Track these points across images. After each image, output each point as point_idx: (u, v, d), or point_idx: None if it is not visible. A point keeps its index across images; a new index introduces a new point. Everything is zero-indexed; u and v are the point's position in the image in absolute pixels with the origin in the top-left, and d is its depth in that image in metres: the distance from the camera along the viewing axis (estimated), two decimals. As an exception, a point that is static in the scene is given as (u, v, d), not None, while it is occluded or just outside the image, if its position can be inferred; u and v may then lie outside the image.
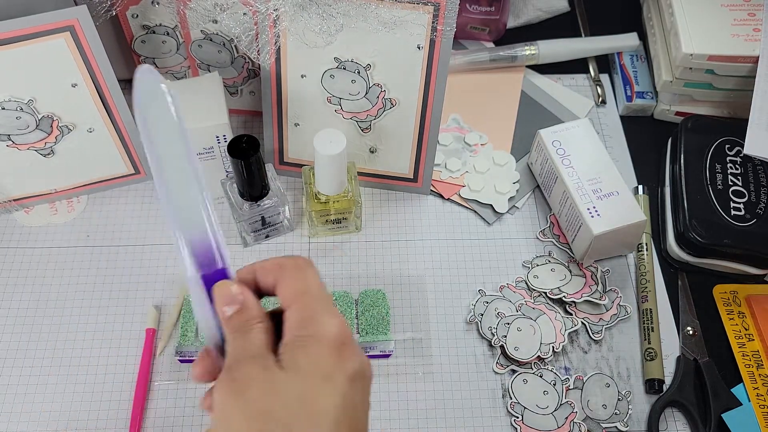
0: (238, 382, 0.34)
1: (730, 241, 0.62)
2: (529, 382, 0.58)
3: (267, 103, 0.64)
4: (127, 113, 0.62)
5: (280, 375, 0.33)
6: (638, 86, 0.75)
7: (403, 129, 0.64)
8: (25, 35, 0.53)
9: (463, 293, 0.64)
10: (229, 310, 0.36)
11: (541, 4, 0.83)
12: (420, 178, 0.68)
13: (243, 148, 0.55)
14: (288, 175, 0.70)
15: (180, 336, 0.59)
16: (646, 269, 0.64)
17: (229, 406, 0.34)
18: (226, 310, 0.36)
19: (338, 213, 0.63)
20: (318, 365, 0.33)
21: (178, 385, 0.58)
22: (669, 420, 0.58)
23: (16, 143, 0.61)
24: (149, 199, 0.68)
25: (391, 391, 0.58)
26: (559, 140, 0.65)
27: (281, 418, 0.32)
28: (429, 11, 0.56)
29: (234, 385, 0.34)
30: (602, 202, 0.61)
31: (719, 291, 0.64)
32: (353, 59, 0.60)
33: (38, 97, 0.58)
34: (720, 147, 0.67)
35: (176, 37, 0.66)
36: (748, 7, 0.70)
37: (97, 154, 0.64)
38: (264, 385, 0.33)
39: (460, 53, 0.77)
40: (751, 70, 0.67)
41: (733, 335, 0.61)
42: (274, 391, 0.33)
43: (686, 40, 0.68)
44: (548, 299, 0.63)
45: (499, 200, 0.68)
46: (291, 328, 0.35)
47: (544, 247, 0.66)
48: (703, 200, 0.64)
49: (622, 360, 0.60)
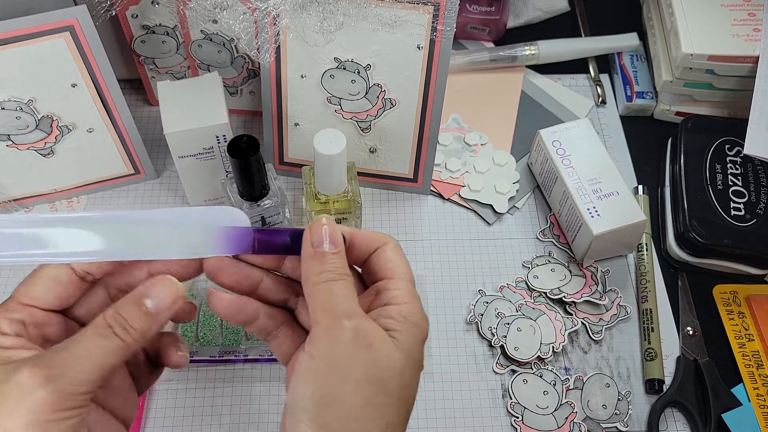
0: (362, 335, 0.33)
1: (730, 241, 0.62)
2: (529, 382, 0.58)
3: (267, 103, 0.64)
4: (127, 113, 0.62)
5: (396, 352, 0.34)
6: (638, 86, 0.75)
7: (403, 129, 0.64)
8: (25, 35, 0.53)
9: (463, 293, 0.64)
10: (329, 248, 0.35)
11: (541, 4, 0.83)
12: (420, 178, 0.68)
13: (243, 148, 0.55)
14: (288, 175, 0.70)
15: (180, 336, 0.59)
16: (646, 269, 0.64)
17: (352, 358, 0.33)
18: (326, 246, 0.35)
19: (338, 213, 0.63)
20: (418, 357, 0.35)
21: (178, 385, 0.58)
22: (669, 420, 0.58)
23: (16, 143, 0.61)
24: (149, 199, 0.68)
25: (391, 391, 0.58)
26: (559, 140, 0.65)
27: (390, 393, 0.33)
28: (429, 11, 0.56)
29: (357, 337, 0.33)
30: (602, 202, 0.61)
31: (719, 291, 0.64)
32: (353, 59, 0.60)
33: (38, 97, 0.58)
34: (720, 147, 0.67)
35: (176, 37, 0.66)
36: (748, 7, 0.70)
37: (97, 154, 0.64)
38: (385, 352, 0.33)
39: (460, 53, 0.77)
40: (751, 70, 0.67)
41: (733, 335, 0.61)
42: (391, 364, 0.34)
43: (686, 40, 0.68)
44: (548, 299, 0.63)
45: (499, 200, 0.68)
46: (399, 308, 0.35)
47: (544, 247, 0.66)
48: (703, 200, 0.64)
49: (622, 360, 0.60)
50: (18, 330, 0.34)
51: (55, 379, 0.31)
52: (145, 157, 0.67)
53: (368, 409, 0.33)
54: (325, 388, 0.32)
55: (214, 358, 0.58)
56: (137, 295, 0.33)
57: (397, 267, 0.37)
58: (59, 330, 0.36)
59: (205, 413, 0.57)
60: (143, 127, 0.72)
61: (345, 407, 0.32)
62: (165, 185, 0.69)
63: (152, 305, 0.33)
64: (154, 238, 0.35)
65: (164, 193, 0.69)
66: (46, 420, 0.30)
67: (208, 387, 0.58)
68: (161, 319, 0.33)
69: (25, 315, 0.34)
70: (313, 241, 0.35)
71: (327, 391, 0.32)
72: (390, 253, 0.37)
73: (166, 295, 0.33)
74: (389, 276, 0.37)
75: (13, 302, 0.35)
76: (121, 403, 0.37)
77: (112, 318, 0.33)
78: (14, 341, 0.34)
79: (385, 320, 0.35)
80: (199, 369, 0.59)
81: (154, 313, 0.33)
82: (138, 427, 0.56)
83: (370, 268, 0.38)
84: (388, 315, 0.35)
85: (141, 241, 0.35)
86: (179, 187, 0.68)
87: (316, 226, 0.35)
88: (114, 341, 0.32)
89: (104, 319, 0.33)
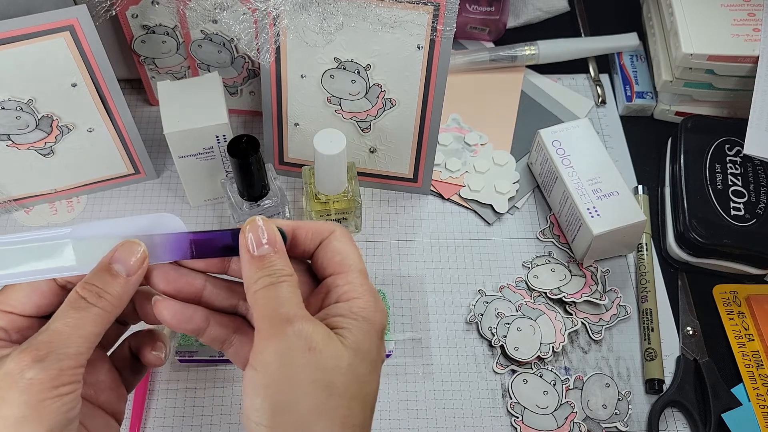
0: (303, 339, 0.32)
1: (730, 241, 0.62)
2: (529, 382, 0.58)
3: (267, 103, 0.64)
4: (127, 113, 0.62)
5: (343, 350, 0.33)
6: (638, 86, 0.75)
7: (403, 129, 0.64)
8: (25, 35, 0.53)
9: (463, 293, 0.64)
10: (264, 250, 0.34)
11: (541, 4, 0.83)
12: (420, 178, 0.68)
13: (243, 148, 0.55)
14: (288, 175, 0.70)
15: (180, 336, 0.59)
16: (646, 269, 0.64)
17: (296, 364, 0.32)
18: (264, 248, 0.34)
19: (338, 213, 0.63)
20: (371, 352, 0.34)
21: (178, 385, 0.58)
22: (669, 420, 0.58)
23: (16, 143, 0.61)
24: (149, 199, 0.68)
25: (391, 391, 0.58)
26: (559, 140, 0.65)
27: (342, 393, 0.32)
28: (429, 11, 0.56)
29: (299, 342, 0.32)
30: (602, 202, 0.61)
31: (719, 291, 0.64)
32: (353, 59, 0.60)
33: (38, 97, 0.58)
34: (720, 147, 0.67)
35: (176, 37, 0.66)
36: (748, 7, 0.70)
37: (97, 154, 0.64)
38: (330, 352, 0.32)
39: (460, 53, 0.77)
40: (751, 70, 0.67)
41: (733, 335, 0.61)
42: (338, 363, 0.33)
43: (686, 40, 0.68)
44: (548, 299, 0.63)
45: (499, 200, 0.68)
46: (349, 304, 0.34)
47: (544, 247, 0.66)
48: (703, 200, 0.64)
49: (622, 360, 0.60)
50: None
51: (42, 359, 0.31)
52: (145, 157, 0.67)
53: (322, 412, 0.32)
54: (274, 396, 0.32)
55: (214, 358, 0.58)
56: (105, 263, 0.34)
57: (346, 258, 0.36)
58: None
59: (205, 413, 0.57)
60: (143, 127, 0.72)
61: (299, 413, 0.32)
62: (165, 185, 0.69)
63: (122, 269, 0.34)
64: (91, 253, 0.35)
65: (164, 193, 0.69)
66: (41, 400, 0.31)
67: (208, 387, 0.58)
68: (134, 280, 0.34)
69: (6, 322, 0.35)
70: (249, 245, 0.34)
71: (277, 399, 0.32)
72: (336, 244, 0.36)
73: (132, 257, 0.34)
74: (338, 270, 0.36)
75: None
76: (110, 398, 0.38)
77: (85, 289, 0.33)
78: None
79: (333, 319, 0.34)
80: (199, 369, 0.59)
81: (125, 276, 0.34)
82: (138, 427, 0.56)
83: (318, 262, 0.37)
84: (336, 313, 0.34)
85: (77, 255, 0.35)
86: (179, 187, 0.68)
87: (252, 227, 0.34)
88: (92, 311, 0.33)
89: (77, 293, 0.33)
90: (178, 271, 0.37)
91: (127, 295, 0.34)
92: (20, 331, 0.35)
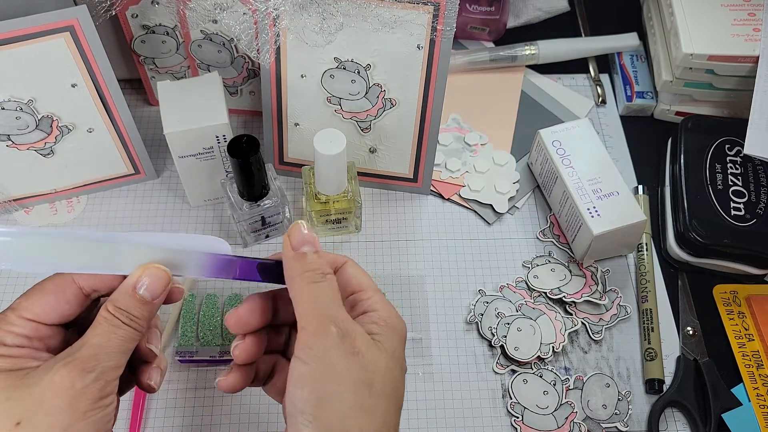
0: (349, 341, 0.35)
1: (730, 241, 0.62)
2: (529, 382, 0.58)
3: (267, 103, 0.64)
4: (127, 113, 0.62)
5: (381, 354, 0.36)
6: (638, 86, 0.75)
7: (403, 129, 0.64)
8: (25, 35, 0.53)
9: (463, 293, 0.64)
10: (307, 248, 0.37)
11: (541, 4, 0.83)
12: (420, 178, 0.68)
13: (243, 148, 0.55)
14: (288, 175, 0.70)
15: (180, 336, 0.59)
16: (646, 269, 0.64)
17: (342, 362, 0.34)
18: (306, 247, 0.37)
19: (338, 213, 0.63)
20: (401, 359, 0.37)
21: (178, 385, 0.58)
22: (669, 420, 0.58)
23: (16, 143, 0.61)
24: (149, 199, 0.68)
25: (391, 391, 0.58)
26: (559, 140, 0.65)
27: (380, 393, 0.35)
28: (429, 11, 0.56)
29: (345, 343, 0.35)
30: (602, 202, 0.61)
31: (719, 291, 0.64)
32: (353, 59, 0.60)
33: (38, 97, 0.58)
34: (720, 147, 0.67)
35: (176, 37, 0.66)
36: (748, 7, 0.70)
37: (97, 154, 0.64)
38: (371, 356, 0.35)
39: (460, 53, 0.77)
40: (751, 70, 0.67)
41: (733, 335, 0.61)
42: (378, 366, 0.35)
43: (686, 40, 0.68)
44: (548, 299, 0.63)
45: (499, 200, 0.68)
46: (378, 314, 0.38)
47: (544, 247, 0.66)
48: (703, 200, 0.64)
49: (622, 360, 0.60)
50: (21, 342, 0.36)
51: (91, 371, 0.34)
52: (145, 157, 0.67)
53: (364, 408, 0.34)
54: (320, 389, 0.34)
55: (214, 358, 0.58)
56: (129, 287, 0.37)
57: (363, 280, 0.40)
58: (60, 341, 0.38)
59: (205, 413, 0.57)
60: (143, 127, 0.72)
61: (342, 407, 0.34)
62: (165, 185, 0.69)
63: (147, 294, 0.37)
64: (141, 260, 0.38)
65: (164, 193, 0.69)
66: (87, 410, 0.33)
67: (208, 387, 0.58)
68: (158, 303, 0.37)
69: (29, 330, 0.36)
70: (293, 243, 0.37)
71: (323, 392, 0.34)
72: (352, 270, 0.40)
73: (156, 281, 0.37)
74: (358, 289, 0.39)
75: (15, 315, 0.36)
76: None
77: (116, 310, 0.36)
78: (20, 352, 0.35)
79: (368, 326, 0.37)
80: (199, 369, 0.59)
81: (150, 300, 0.37)
82: (138, 427, 0.56)
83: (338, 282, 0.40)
84: (370, 321, 0.37)
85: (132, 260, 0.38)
86: (179, 187, 0.68)
87: (295, 230, 0.38)
88: (126, 330, 0.36)
89: (109, 312, 0.36)
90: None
91: (153, 316, 0.38)
92: (42, 339, 0.37)
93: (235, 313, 0.39)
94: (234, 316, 0.39)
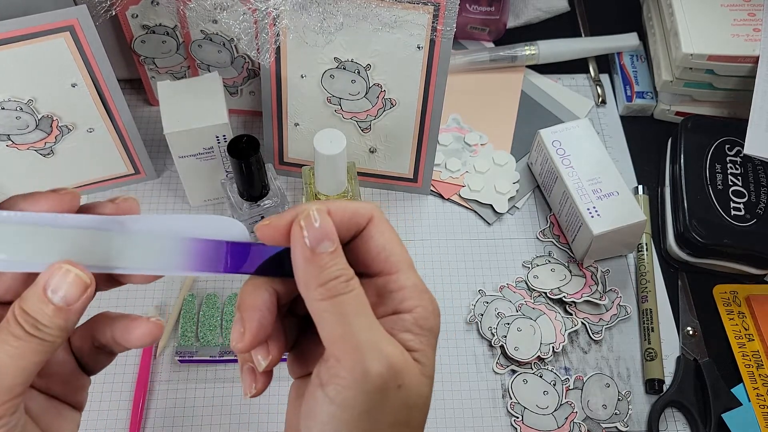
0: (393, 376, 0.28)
1: (730, 241, 0.62)
2: (529, 382, 0.58)
3: (267, 103, 0.64)
4: (127, 113, 0.62)
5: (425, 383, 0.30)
6: (638, 86, 0.75)
7: (403, 129, 0.64)
8: (25, 35, 0.53)
9: (463, 293, 0.64)
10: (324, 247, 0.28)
11: (541, 4, 0.83)
12: (420, 178, 0.68)
13: (243, 148, 0.55)
14: (288, 175, 0.70)
15: (180, 336, 0.59)
16: (646, 269, 0.64)
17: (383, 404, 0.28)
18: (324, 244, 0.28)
19: (338, 213, 0.62)
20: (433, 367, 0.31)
21: (178, 385, 0.58)
22: (669, 420, 0.58)
23: (16, 143, 0.61)
24: (149, 199, 0.68)
25: (391, 391, 0.58)
26: (559, 140, 0.65)
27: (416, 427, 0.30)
28: (429, 11, 0.56)
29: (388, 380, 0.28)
30: (602, 202, 0.61)
31: (719, 291, 0.64)
32: (353, 59, 0.60)
33: (38, 97, 0.58)
34: (720, 147, 0.67)
35: (176, 37, 0.66)
36: (748, 7, 0.70)
37: (97, 154, 0.64)
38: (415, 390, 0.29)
39: (460, 53, 0.77)
40: (751, 70, 0.67)
41: (733, 335, 0.61)
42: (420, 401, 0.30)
43: (686, 40, 0.68)
44: (548, 299, 0.63)
45: (499, 200, 0.68)
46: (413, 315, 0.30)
47: (544, 247, 0.66)
48: (703, 200, 0.64)
49: (622, 360, 0.60)
50: None
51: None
52: (145, 157, 0.67)
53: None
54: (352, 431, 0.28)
55: (214, 358, 0.58)
56: (39, 291, 0.28)
57: (391, 255, 0.31)
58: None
59: (205, 413, 0.57)
60: (143, 127, 0.72)
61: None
62: (165, 185, 0.69)
63: (60, 300, 0.28)
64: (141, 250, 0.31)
65: (164, 193, 0.69)
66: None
67: (208, 387, 0.58)
68: (77, 309, 0.29)
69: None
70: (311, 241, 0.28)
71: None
72: (379, 239, 0.31)
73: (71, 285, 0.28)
74: (385, 270, 0.31)
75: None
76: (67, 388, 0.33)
77: (22, 317, 0.28)
78: None
79: (402, 335, 0.30)
80: (199, 369, 0.59)
81: (65, 307, 0.28)
82: (138, 427, 0.56)
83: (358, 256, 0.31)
84: (404, 328, 0.30)
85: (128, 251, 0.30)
86: (179, 187, 0.68)
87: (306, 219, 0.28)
88: (32, 341, 0.28)
89: (15, 319, 0.28)
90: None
91: (72, 325, 0.29)
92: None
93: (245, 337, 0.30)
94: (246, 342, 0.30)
